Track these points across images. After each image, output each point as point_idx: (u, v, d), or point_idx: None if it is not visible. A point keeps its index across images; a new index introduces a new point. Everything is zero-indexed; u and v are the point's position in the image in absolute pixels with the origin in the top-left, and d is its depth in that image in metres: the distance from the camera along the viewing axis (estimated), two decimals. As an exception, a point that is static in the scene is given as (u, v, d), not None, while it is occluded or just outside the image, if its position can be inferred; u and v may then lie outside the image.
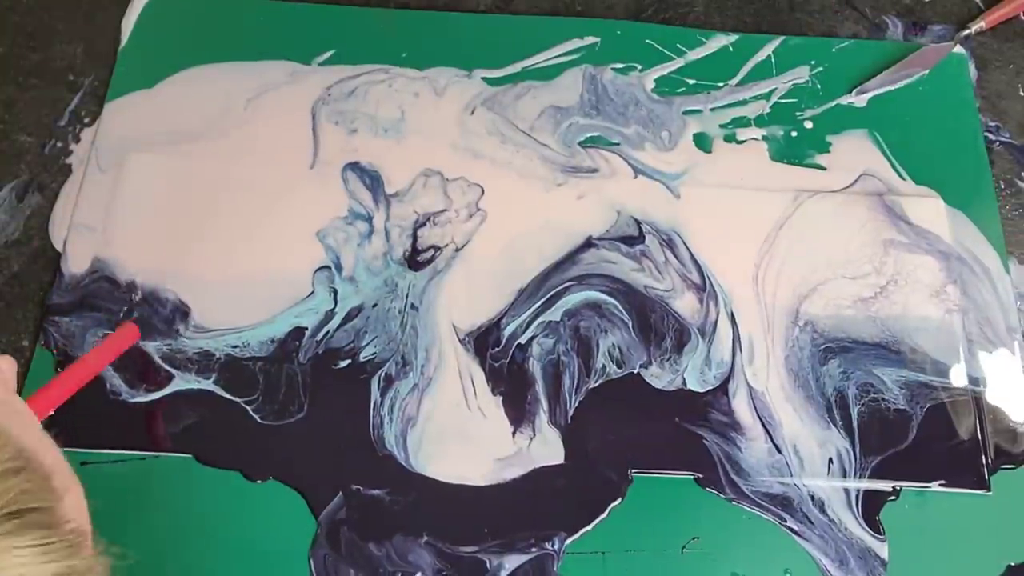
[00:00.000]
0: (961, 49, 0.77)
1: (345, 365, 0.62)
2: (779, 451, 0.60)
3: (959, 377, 0.63)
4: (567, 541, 0.58)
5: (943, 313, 0.65)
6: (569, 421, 0.61)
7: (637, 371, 0.62)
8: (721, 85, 0.74)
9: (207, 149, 0.69)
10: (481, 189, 0.68)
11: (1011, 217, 0.70)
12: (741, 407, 0.61)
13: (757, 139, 0.72)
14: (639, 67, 0.74)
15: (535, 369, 0.62)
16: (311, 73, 0.73)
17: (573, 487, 0.59)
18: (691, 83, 0.74)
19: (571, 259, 0.66)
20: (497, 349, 0.63)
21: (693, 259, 0.66)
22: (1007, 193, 0.71)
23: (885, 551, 0.58)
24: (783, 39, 0.76)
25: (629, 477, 0.59)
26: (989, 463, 0.60)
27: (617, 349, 0.63)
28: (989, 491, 0.60)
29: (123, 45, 0.74)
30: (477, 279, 0.65)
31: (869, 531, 0.58)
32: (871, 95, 0.74)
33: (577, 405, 0.61)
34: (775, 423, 0.61)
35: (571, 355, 0.63)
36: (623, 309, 0.64)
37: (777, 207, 0.69)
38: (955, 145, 0.72)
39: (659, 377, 0.62)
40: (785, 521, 0.58)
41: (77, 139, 0.70)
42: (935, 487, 0.60)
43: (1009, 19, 0.78)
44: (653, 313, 0.64)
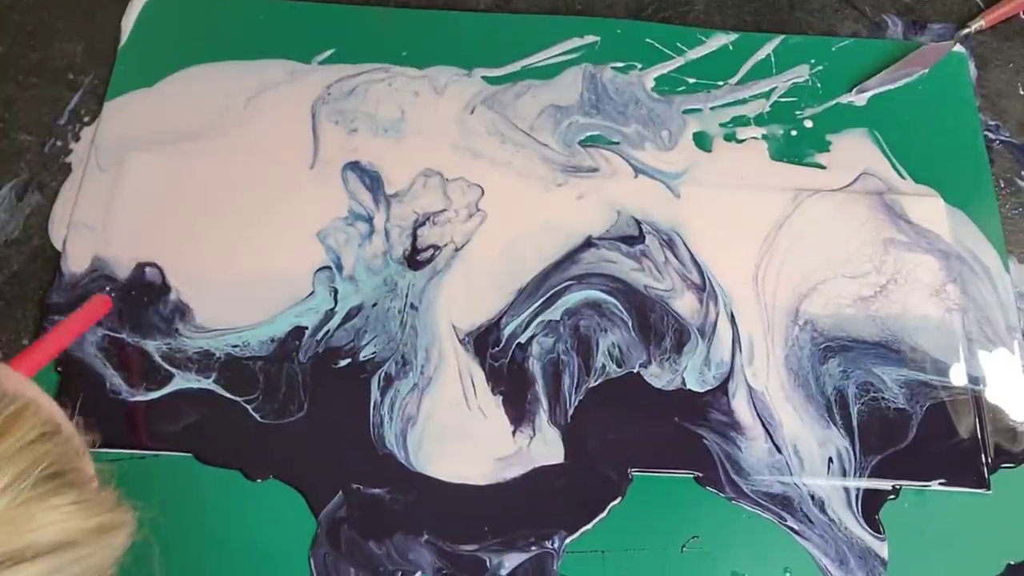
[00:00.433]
0: (961, 48, 0.77)
1: (345, 364, 0.62)
2: (779, 451, 0.60)
3: (959, 376, 0.63)
4: (567, 540, 0.58)
5: (943, 312, 0.65)
6: (569, 420, 0.61)
7: (637, 370, 0.62)
8: (721, 84, 0.74)
9: (207, 148, 0.69)
10: (481, 189, 0.68)
11: (1011, 216, 0.70)
12: (741, 407, 0.61)
13: (757, 138, 0.72)
14: (639, 66, 0.74)
15: (535, 368, 0.62)
16: (311, 72, 0.73)
17: (573, 486, 0.59)
18: (691, 82, 0.74)
19: (571, 258, 0.66)
20: (497, 349, 0.63)
21: (693, 259, 0.66)
22: (1007, 192, 0.71)
23: (885, 550, 0.58)
24: (783, 38, 0.76)
25: (629, 476, 0.59)
26: (989, 462, 0.61)
27: (617, 348, 0.63)
28: (989, 490, 0.60)
29: (123, 44, 0.74)
30: (477, 279, 0.65)
31: (869, 530, 0.58)
32: (871, 94, 0.74)
33: (577, 404, 0.61)
34: (775, 423, 0.61)
35: (571, 354, 0.63)
36: (623, 308, 0.64)
37: (777, 206, 0.68)
38: (955, 144, 0.72)
39: (658, 377, 0.62)
40: (785, 520, 0.58)
41: (77, 138, 0.70)
42: (935, 486, 0.60)
43: (1009, 18, 0.78)
44: (653, 313, 0.64)
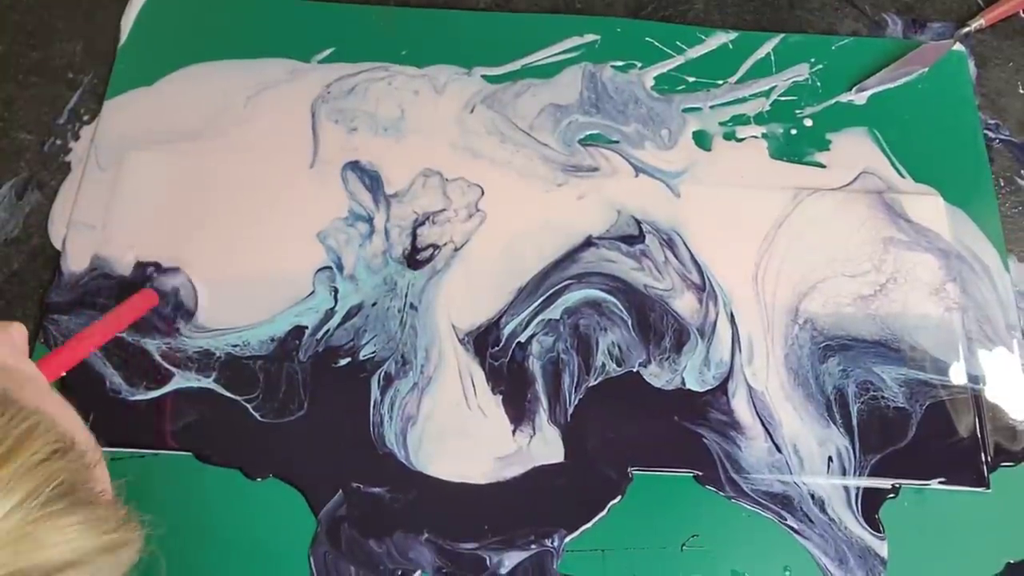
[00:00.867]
0: (960, 47, 0.76)
1: (345, 364, 0.62)
2: (779, 450, 0.60)
3: (958, 375, 0.63)
4: (567, 538, 0.58)
5: (943, 311, 0.65)
6: (569, 419, 0.61)
7: (636, 370, 0.62)
8: (721, 83, 0.74)
9: (207, 147, 0.69)
10: (481, 190, 0.68)
11: (1010, 215, 0.70)
12: (740, 406, 0.61)
13: (757, 137, 0.72)
14: (639, 65, 0.74)
15: (535, 368, 0.62)
16: (311, 71, 0.73)
17: (573, 485, 0.59)
18: (691, 81, 0.74)
19: (571, 258, 0.66)
20: (497, 348, 0.63)
21: (693, 259, 0.66)
22: (1007, 191, 0.71)
23: (885, 550, 0.58)
24: (783, 37, 0.76)
25: (629, 475, 0.59)
26: (988, 461, 0.61)
27: (617, 347, 0.63)
28: (988, 489, 0.60)
29: (122, 43, 0.73)
30: (476, 279, 0.65)
31: (869, 530, 0.58)
32: (871, 93, 0.74)
33: (577, 403, 0.61)
34: (775, 422, 0.61)
35: (571, 353, 0.63)
36: (623, 308, 0.64)
37: (777, 205, 0.68)
38: (955, 143, 0.72)
39: (658, 376, 0.62)
40: (785, 519, 0.58)
41: (76, 137, 0.70)
42: (934, 485, 0.60)
43: (1008, 17, 0.78)
44: (652, 312, 0.64)
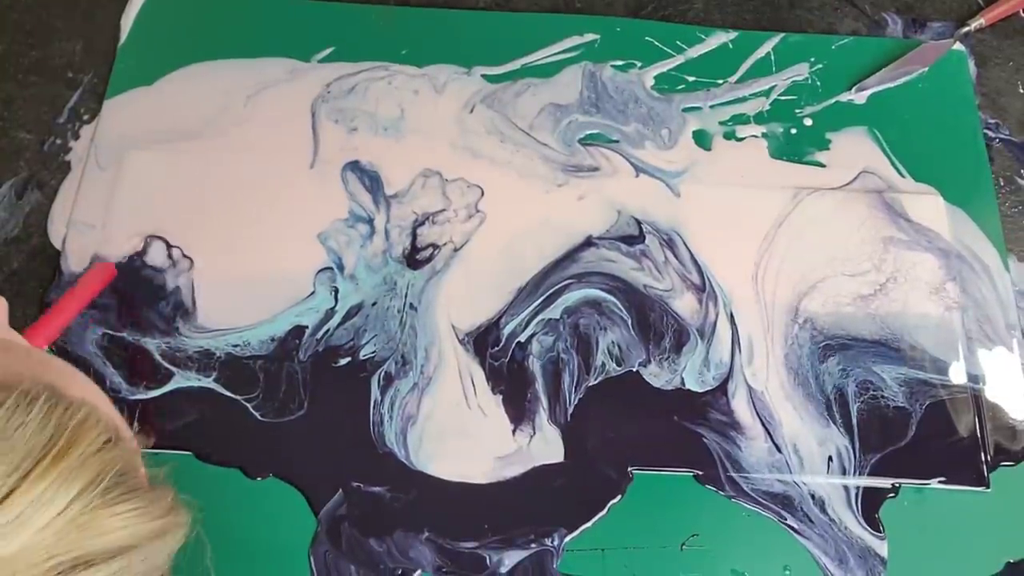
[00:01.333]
0: (960, 46, 0.76)
1: (345, 363, 0.62)
2: (779, 450, 0.60)
3: (958, 374, 0.63)
4: (567, 538, 0.58)
5: (942, 310, 0.65)
6: (569, 419, 0.61)
7: (636, 369, 0.62)
8: (721, 82, 0.74)
9: (207, 147, 0.69)
10: (480, 190, 0.68)
11: (1010, 214, 0.70)
12: (740, 407, 0.61)
13: (757, 136, 0.72)
14: (639, 64, 0.74)
15: (535, 367, 0.62)
16: (310, 70, 0.73)
17: (573, 485, 0.59)
18: (691, 80, 0.74)
19: (571, 257, 0.66)
20: (497, 348, 0.63)
21: (693, 259, 0.66)
22: (1006, 190, 0.71)
23: (884, 549, 0.58)
24: (783, 36, 0.76)
25: (629, 475, 0.59)
26: (988, 460, 0.61)
27: (616, 347, 0.63)
28: (988, 488, 0.60)
29: (122, 42, 0.73)
30: (476, 279, 0.65)
31: (869, 529, 0.58)
32: (870, 92, 0.74)
33: (577, 403, 0.61)
34: (775, 422, 0.61)
35: (571, 353, 0.63)
36: (622, 307, 0.64)
37: (777, 204, 0.68)
38: (954, 142, 0.72)
39: (657, 376, 0.62)
40: (785, 519, 0.58)
41: (76, 136, 0.70)
42: (934, 484, 0.60)
43: (1008, 16, 0.78)
44: (652, 312, 0.64)
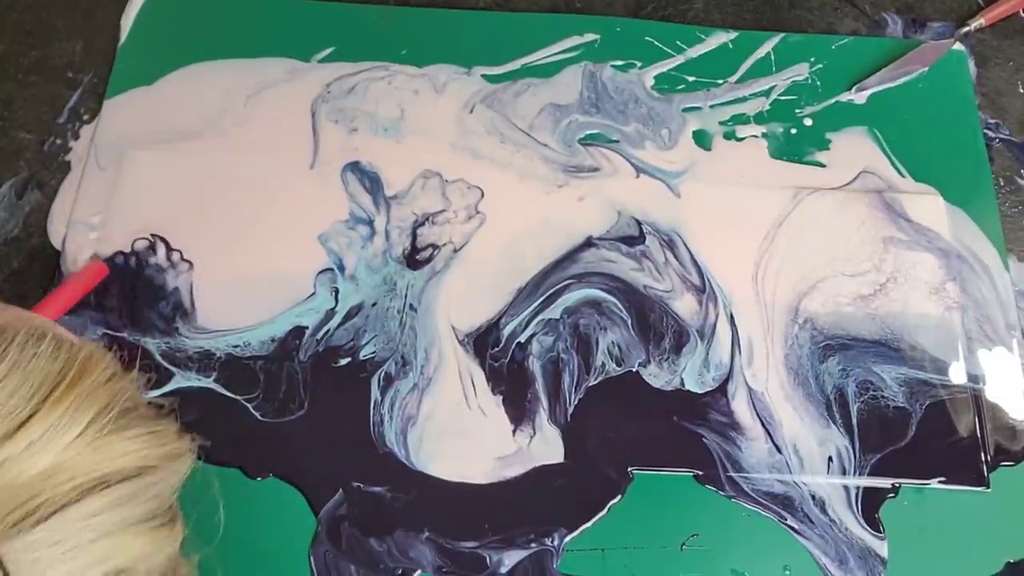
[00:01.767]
0: (960, 46, 0.76)
1: (345, 363, 0.62)
2: (779, 451, 0.60)
3: (958, 374, 0.63)
4: (567, 538, 0.58)
5: (942, 310, 0.65)
6: (569, 419, 0.61)
7: (636, 370, 0.62)
8: (721, 82, 0.74)
9: (207, 147, 0.69)
10: (480, 191, 0.68)
11: (1010, 214, 0.70)
12: (740, 408, 0.61)
13: (757, 136, 0.71)
14: (639, 64, 0.74)
15: (535, 367, 0.62)
16: (310, 70, 0.73)
17: (573, 485, 0.59)
18: (691, 80, 0.74)
19: (571, 258, 0.66)
20: (497, 349, 0.63)
21: (693, 260, 0.66)
22: (1006, 190, 0.71)
23: (885, 550, 0.58)
24: (783, 36, 0.76)
25: (629, 475, 0.59)
26: (988, 460, 0.61)
27: (616, 347, 0.63)
28: (988, 488, 0.60)
29: (122, 42, 0.73)
30: (476, 280, 0.65)
31: (869, 530, 0.58)
32: (870, 92, 0.74)
33: (577, 403, 0.61)
34: (775, 423, 0.61)
35: (571, 353, 0.63)
36: (622, 307, 0.64)
37: (777, 204, 0.68)
38: (954, 142, 0.72)
39: (657, 376, 0.62)
40: (785, 519, 0.58)
41: (76, 136, 0.70)
42: (934, 484, 0.60)
43: (1008, 16, 0.78)
44: (652, 312, 0.64)
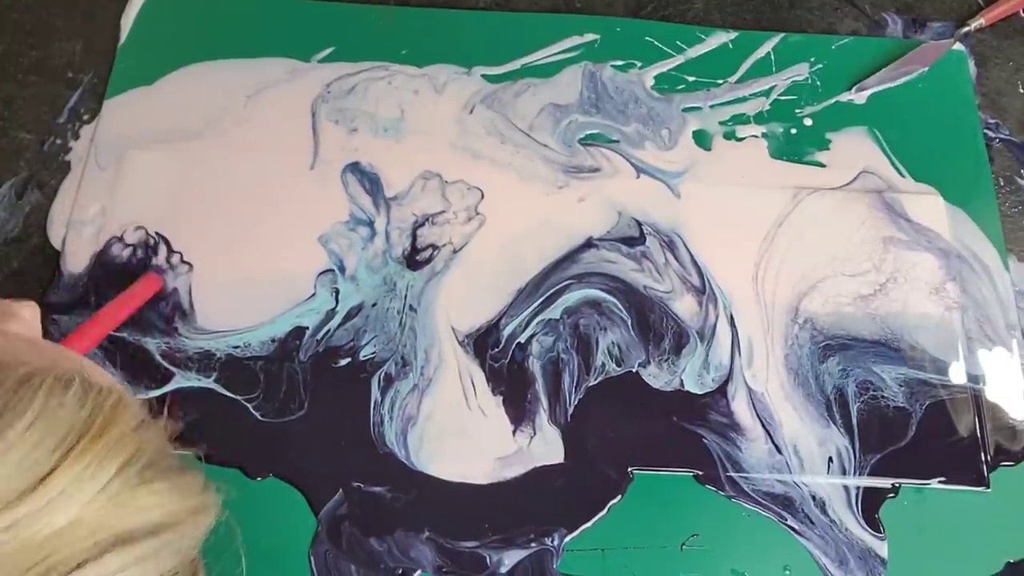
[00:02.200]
0: (960, 46, 0.76)
1: (345, 364, 0.62)
2: (779, 451, 0.60)
3: (958, 374, 0.63)
4: (567, 538, 0.58)
5: (942, 310, 0.65)
6: (569, 419, 0.61)
7: (635, 370, 0.62)
8: (721, 82, 0.74)
9: (207, 147, 0.69)
10: (480, 192, 0.68)
11: (1010, 214, 0.70)
12: (740, 408, 0.61)
13: (757, 136, 0.71)
14: (639, 64, 0.74)
15: (535, 368, 0.62)
16: (310, 70, 0.73)
17: (573, 485, 0.59)
18: (691, 80, 0.74)
19: (571, 258, 0.66)
20: (497, 349, 0.63)
21: (693, 261, 0.66)
22: (1006, 190, 0.71)
23: (884, 550, 0.58)
24: (783, 36, 0.76)
25: (629, 475, 0.59)
26: (988, 460, 0.61)
27: (616, 347, 0.63)
28: (988, 488, 0.60)
29: (122, 42, 0.73)
30: (476, 280, 0.65)
31: (869, 531, 0.58)
32: (870, 92, 0.74)
33: (577, 403, 0.61)
34: (775, 423, 0.61)
35: (571, 353, 0.63)
36: (622, 308, 0.64)
37: (777, 204, 0.68)
38: (954, 142, 0.72)
39: (657, 377, 0.62)
40: (785, 520, 0.58)
41: (76, 136, 0.70)
42: (934, 484, 0.60)
43: (1008, 16, 0.78)
44: (652, 313, 0.64)
